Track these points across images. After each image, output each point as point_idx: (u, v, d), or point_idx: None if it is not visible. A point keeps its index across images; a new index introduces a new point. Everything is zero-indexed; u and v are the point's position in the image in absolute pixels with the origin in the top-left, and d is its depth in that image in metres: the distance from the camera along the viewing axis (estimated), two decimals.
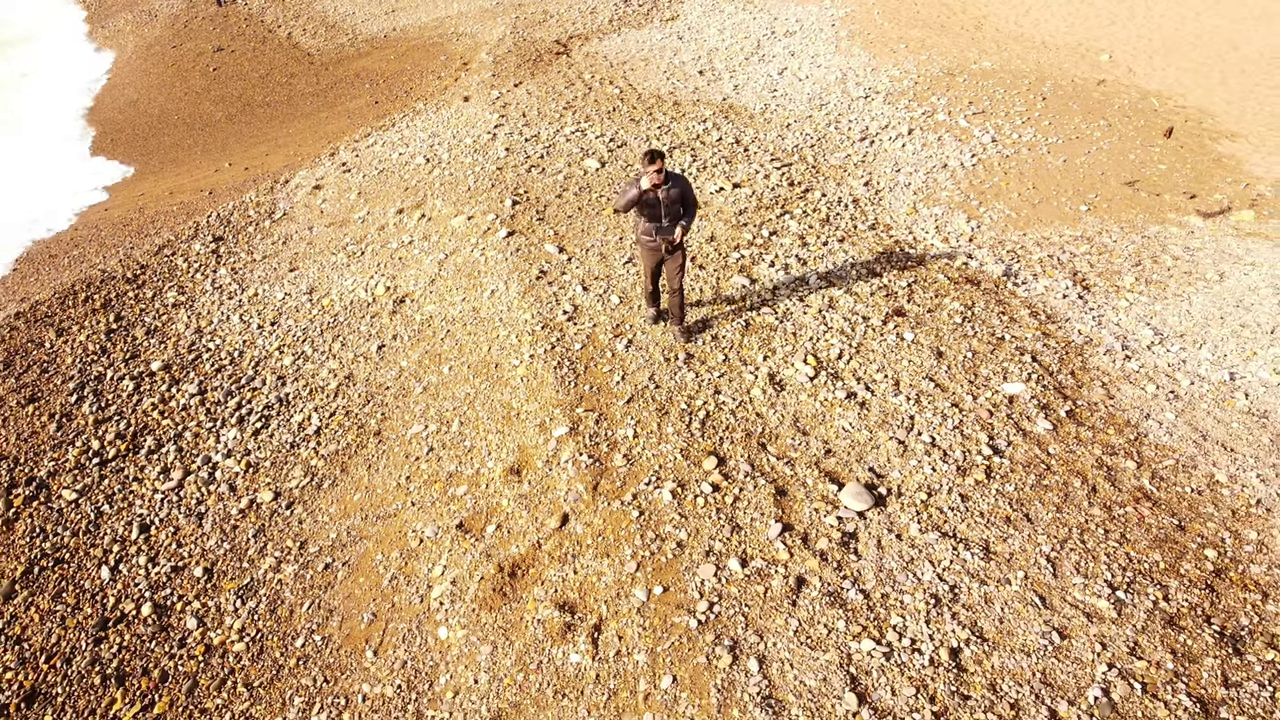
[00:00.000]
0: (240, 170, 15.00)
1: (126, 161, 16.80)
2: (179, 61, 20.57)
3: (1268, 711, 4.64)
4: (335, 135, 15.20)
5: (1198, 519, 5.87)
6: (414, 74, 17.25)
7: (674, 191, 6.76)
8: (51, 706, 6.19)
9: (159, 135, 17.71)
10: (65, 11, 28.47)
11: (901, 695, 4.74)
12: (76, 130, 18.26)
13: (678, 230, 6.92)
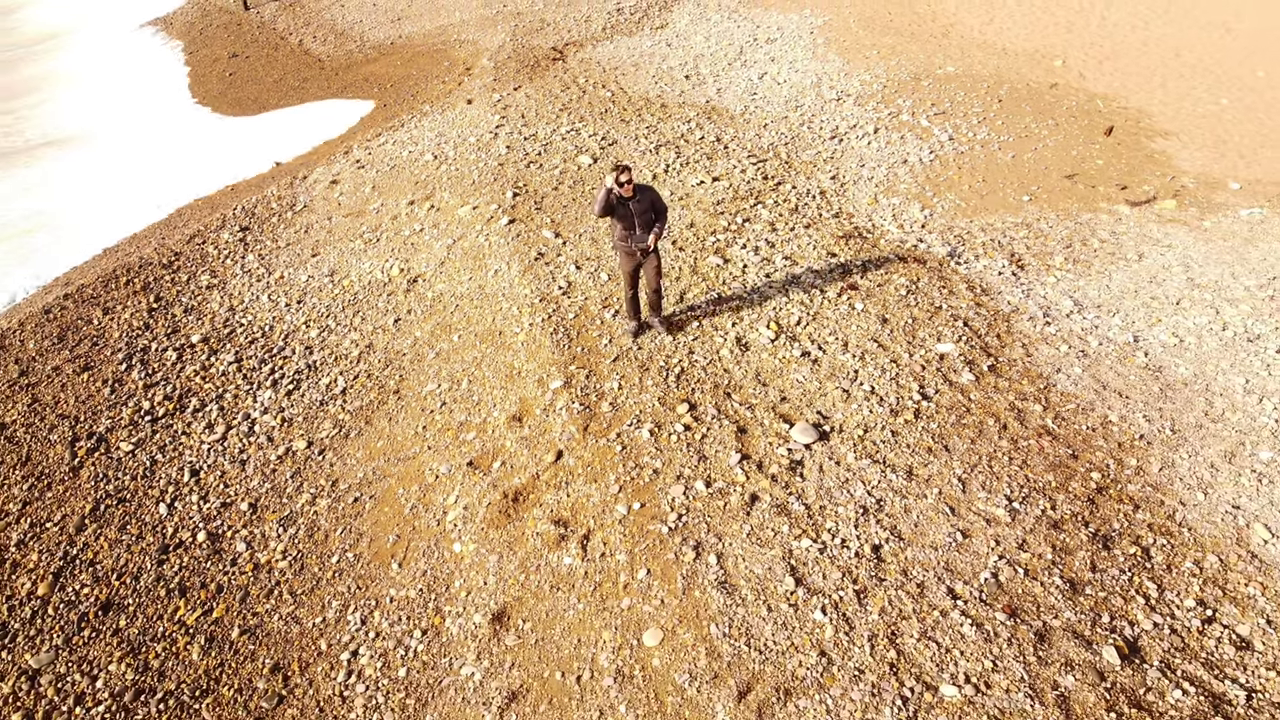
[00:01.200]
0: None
1: None
2: (196, 67, 21.72)
3: (1125, 590, 5.80)
4: (348, 135, 16.35)
5: (1089, 450, 7.03)
6: (420, 78, 18.41)
7: (644, 202, 7.57)
8: (125, 613, 7.33)
9: None
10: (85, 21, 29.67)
11: (830, 579, 5.90)
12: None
13: (650, 236, 7.67)
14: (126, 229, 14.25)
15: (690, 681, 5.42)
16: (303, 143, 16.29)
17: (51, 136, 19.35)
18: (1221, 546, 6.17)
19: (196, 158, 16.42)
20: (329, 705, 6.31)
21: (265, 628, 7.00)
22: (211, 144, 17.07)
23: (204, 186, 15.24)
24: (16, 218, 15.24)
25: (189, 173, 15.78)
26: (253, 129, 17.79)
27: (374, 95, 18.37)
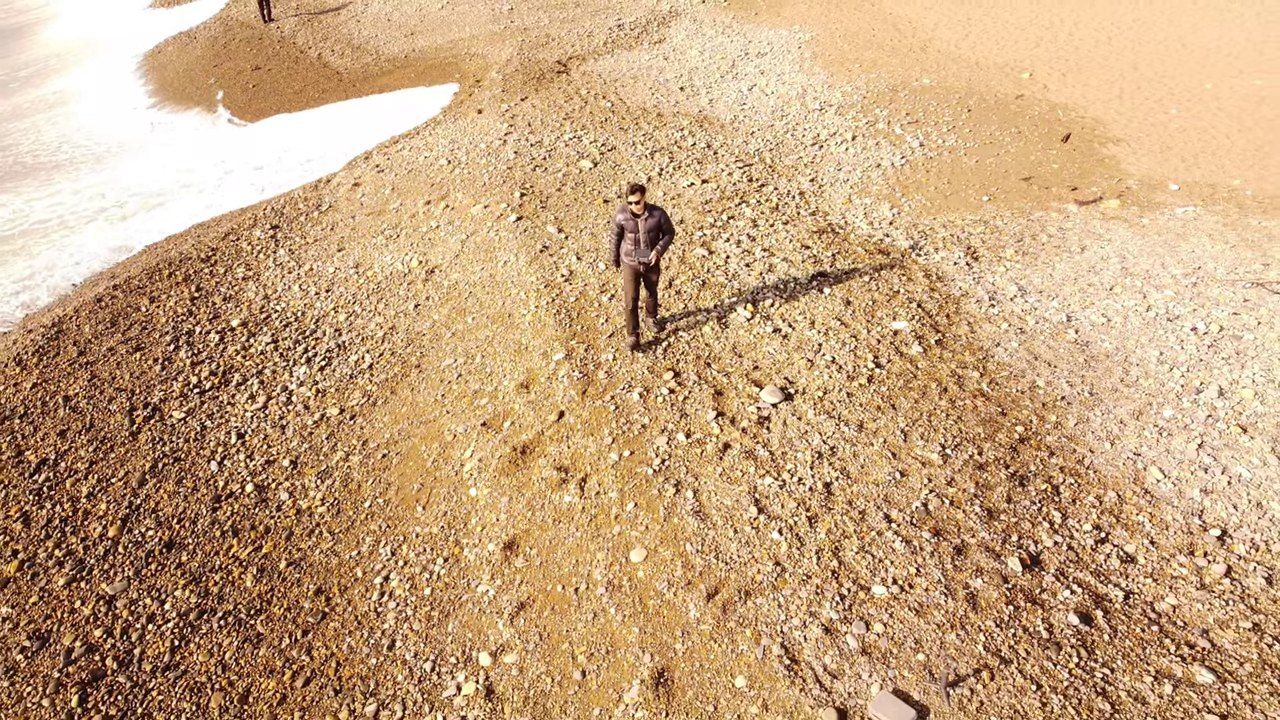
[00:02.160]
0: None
1: None
2: (221, 80, 23.03)
3: (1033, 517, 6.95)
4: (366, 141, 17.60)
5: (1016, 408, 8.19)
6: (432, 89, 19.67)
7: (652, 221, 8.30)
8: (185, 550, 8.51)
9: None
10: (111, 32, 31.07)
11: (787, 508, 7.05)
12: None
13: (653, 252, 8.38)
14: (175, 226, 15.47)
15: (668, 587, 6.58)
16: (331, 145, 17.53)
17: (89, 143, 20.64)
18: (1120, 485, 7.32)
19: (228, 162, 17.68)
20: (365, 619, 7.48)
21: (308, 560, 8.17)
22: (240, 149, 18.32)
23: (235, 190, 16.48)
24: (102, 206, 16.51)
25: (223, 176, 17.03)
26: (277, 134, 19.05)
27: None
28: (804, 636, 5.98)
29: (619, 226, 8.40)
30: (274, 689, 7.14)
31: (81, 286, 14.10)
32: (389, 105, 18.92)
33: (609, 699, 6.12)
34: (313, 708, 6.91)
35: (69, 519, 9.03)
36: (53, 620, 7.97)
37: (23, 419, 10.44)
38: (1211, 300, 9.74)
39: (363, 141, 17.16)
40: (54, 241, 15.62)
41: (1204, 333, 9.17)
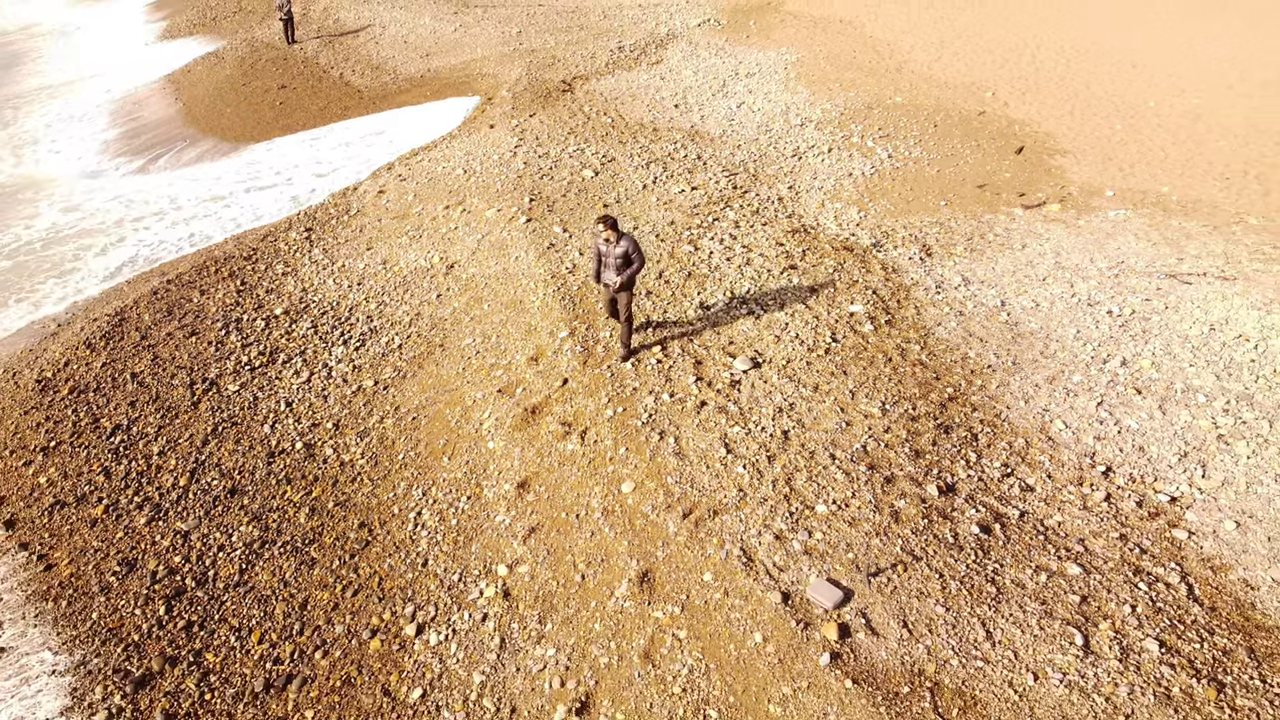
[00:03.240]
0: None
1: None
2: (249, 97, 24.76)
3: (953, 457, 8.47)
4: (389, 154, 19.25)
5: (948, 374, 9.73)
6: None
7: (619, 249, 9.06)
8: (246, 495, 10.06)
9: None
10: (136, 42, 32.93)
11: (750, 449, 8.58)
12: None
13: (618, 278, 9.15)
14: (220, 234, 17.09)
15: (652, 510, 8.11)
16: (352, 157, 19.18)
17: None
18: (1029, 434, 8.86)
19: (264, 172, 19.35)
20: (402, 545, 9.02)
21: (352, 501, 9.72)
22: (272, 162, 20.00)
23: (270, 196, 18.12)
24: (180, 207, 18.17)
25: (259, 183, 18.69)
26: (309, 147, 20.73)
27: None
28: (759, 542, 7.50)
29: (596, 251, 9.45)
30: (328, 599, 8.68)
31: (134, 281, 15.69)
32: (412, 117, 20.61)
33: (603, 594, 7.65)
34: (361, 611, 8.45)
35: (144, 472, 10.59)
36: (138, 550, 9.52)
37: (96, 392, 12.01)
38: (1129, 289, 11.29)
39: (382, 152, 18.81)
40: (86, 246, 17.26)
41: (1117, 315, 10.72)
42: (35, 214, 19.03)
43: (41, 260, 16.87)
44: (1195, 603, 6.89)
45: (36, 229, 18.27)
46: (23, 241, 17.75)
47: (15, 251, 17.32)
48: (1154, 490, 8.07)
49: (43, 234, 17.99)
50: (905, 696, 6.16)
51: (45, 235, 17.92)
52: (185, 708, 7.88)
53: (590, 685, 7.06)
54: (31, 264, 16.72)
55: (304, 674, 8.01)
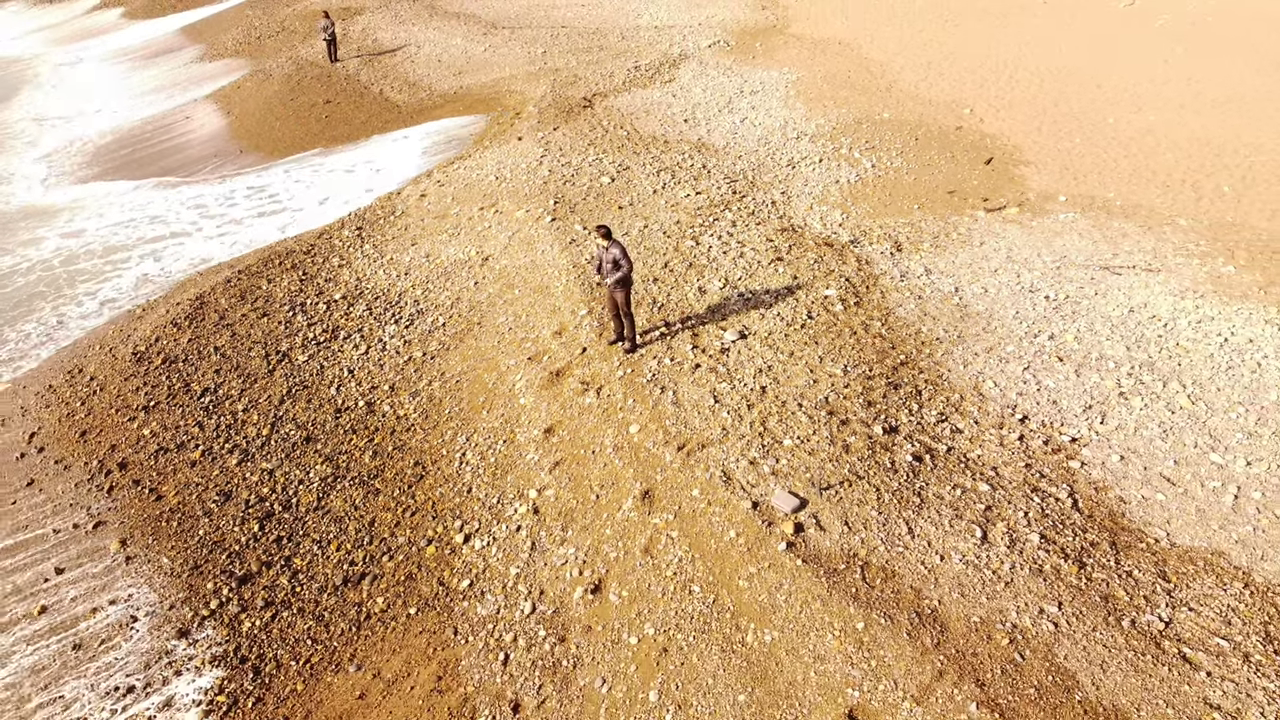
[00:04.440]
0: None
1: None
2: (297, 111, 27.10)
3: (899, 407, 10.43)
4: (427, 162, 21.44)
5: (902, 344, 11.70)
6: (480, 120, 23.56)
7: (610, 254, 10.68)
8: (319, 442, 12.15)
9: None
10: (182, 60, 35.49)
11: (733, 399, 10.58)
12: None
13: (608, 279, 10.72)
14: (274, 235, 19.33)
15: (653, 445, 10.12)
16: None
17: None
18: (964, 390, 10.81)
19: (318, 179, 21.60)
20: (450, 477, 11.07)
21: (408, 445, 11.80)
22: (324, 170, 22.26)
23: (318, 205, 20.35)
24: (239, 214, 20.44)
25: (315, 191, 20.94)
26: (356, 155, 22.99)
27: None
28: (736, 467, 9.50)
29: (597, 255, 11.27)
30: (391, 518, 10.75)
31: (206, 273, 17.90)
32: (436, 129, 22.81)
33: (613, 508, 9.67)
34: (418, 527, 10.51)
35: (231, 425, 12.73)
36: (232, 484, 11.64)
37: (185, 362, 14.18)
38: (1066, 279, 13.22)
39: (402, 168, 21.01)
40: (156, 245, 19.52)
41: (1052, 300, 12.65)
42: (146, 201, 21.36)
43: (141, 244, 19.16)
44: (1076, 511, 8.82)
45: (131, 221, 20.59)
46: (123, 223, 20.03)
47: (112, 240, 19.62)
48: (1059, 433, 10.00)
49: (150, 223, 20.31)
50: (841, 571, 8.13)
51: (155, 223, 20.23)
52: (280, 597, 9.96)
53: (602, 573, 9.08)
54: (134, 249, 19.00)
55: (374, 572, 10.08)
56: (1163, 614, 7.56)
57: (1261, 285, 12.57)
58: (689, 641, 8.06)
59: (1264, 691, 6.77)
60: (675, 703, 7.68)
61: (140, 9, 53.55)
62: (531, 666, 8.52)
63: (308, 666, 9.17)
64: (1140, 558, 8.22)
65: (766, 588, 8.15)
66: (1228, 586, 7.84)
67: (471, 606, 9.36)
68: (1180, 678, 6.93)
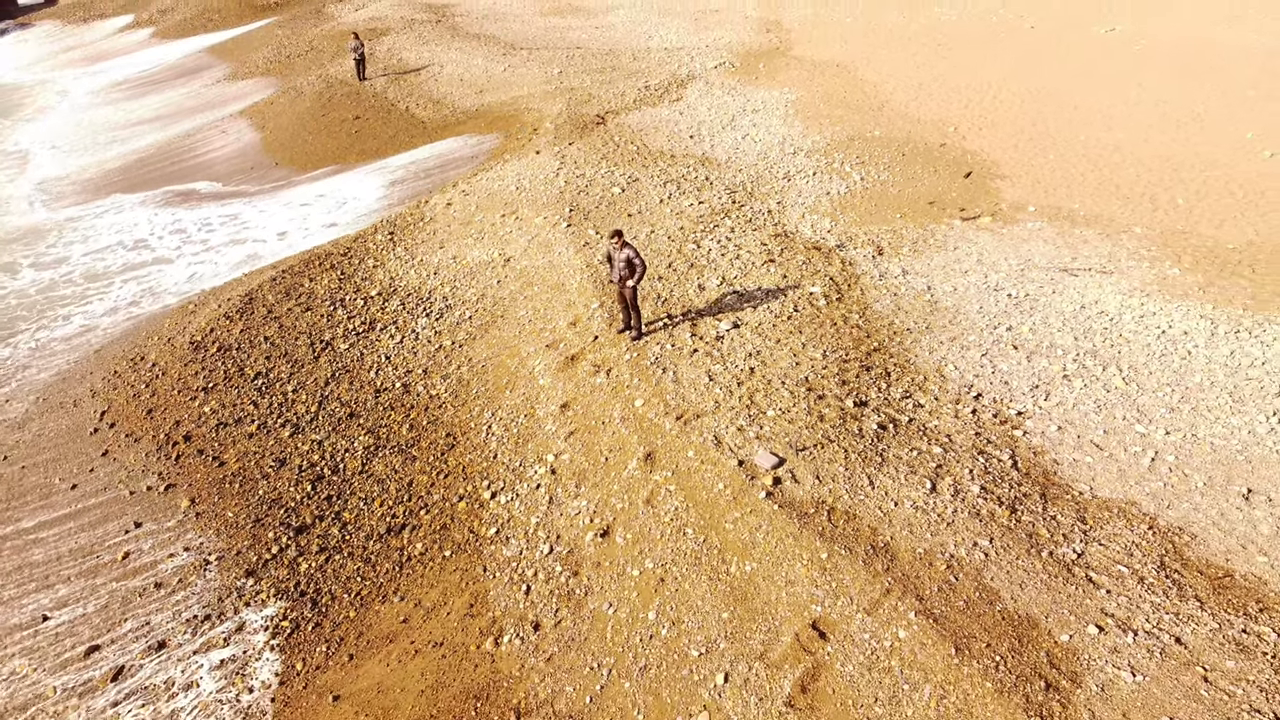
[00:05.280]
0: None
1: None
2: (328, 126, 28.96)
3: (870, 385, 11.99)
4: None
5: (876, 334, 13.27)
6: (500, 136, 25.32)
7: (623, 255, 12.21)
8: (361, 417, 13.80)
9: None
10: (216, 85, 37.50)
11: (726, 379, 12.16)
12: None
13: (624, 282, 12.33)
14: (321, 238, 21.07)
15: (655, 416, 11.71)
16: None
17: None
18: (927, 373, 12.36)
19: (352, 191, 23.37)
20: (478, 446, 12.68)
21: (440, 420, 13.42)
22: (360, 183, 24.03)
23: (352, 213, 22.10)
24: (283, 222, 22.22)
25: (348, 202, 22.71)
26: (386, 168, 24.78)
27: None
28: (725, 432, 11.07)
29: (606, 254, 12.99)
30: (427, 480, 12.36)
31: (252, 274, 19.62)
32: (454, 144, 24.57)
33: (620, 468, 11.24)
34: (451, 486, 12.12)
35: (283, 403, 14.38)
36: (286, 452, 13.28)
37: (238, 350, 15.87)
38: (1028, 279, 14.76)
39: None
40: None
41: (1014, 297, 14.20)
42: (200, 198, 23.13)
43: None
44: (1015, 470, 10.36)
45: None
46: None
47: None
48: (1007, 408, 11.54)
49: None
50: (810, 514, 9.69)
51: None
52: (332, 543, 11.58)
53: (610, 520, 10.66)
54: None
55: (413, 523, 11.69)
56: (1076, 547, 9.08)
57: (1201, 285, 14.09)
58: (682, 573, 9.61)
59: (1150, 604, 8.29)
60: (670, 620, 9.23)
61: (172, 28, 55.80)
62: (550, 595, 10.10)
63: (358, 598, 10.77)
64: (1064, 505, 9.74)
65: (748, 528, 9.70)
66: (1135, 528, 9.36)
67: (498, 549, 10.96)
68: (1084, 594, 8.45)
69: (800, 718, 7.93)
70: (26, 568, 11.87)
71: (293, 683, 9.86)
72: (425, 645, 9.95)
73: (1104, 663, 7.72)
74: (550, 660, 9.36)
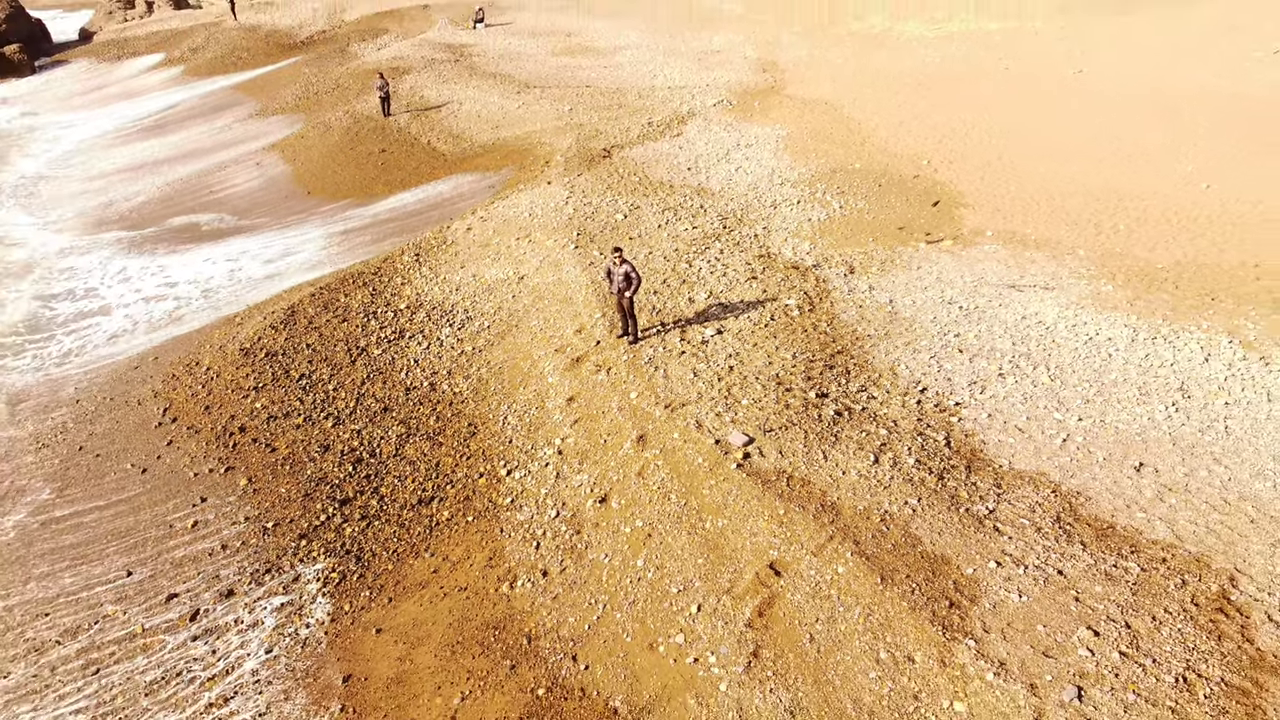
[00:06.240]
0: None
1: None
2: (357, 159, 31.41)
3: (831, 381, 14.04)
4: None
5: (841, 339, 15.33)
6: (515, 168, 27.66)
7: (621, 271, 14.38)
8: (393, 411, 15.90)
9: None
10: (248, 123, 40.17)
11: (708, 375, 14.23)
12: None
13: (621, 294, 14.39)
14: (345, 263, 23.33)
15: (647, 405, 13.76)
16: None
17: None
18: (882, 371, 14.38)
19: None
20: (496, 433, 14.75)
21: (463, 412, 15.52)
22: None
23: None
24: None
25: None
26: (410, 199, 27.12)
27: (482, 180, 27.66)
28: (706, 418, 13.11)
29: (607, 269, 15.31)
30: (452, 461, 14.42)
31: (290, 290, 21.83)
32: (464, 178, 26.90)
33: (616, 448, 13.28)
34: (472, 466, 14.16)
35: (325, 399, 16.50)
36: (329, 439, 15.37)
37: (284, 355, 18.02)
38: (980, 294, 16.82)
39: None
40: None
41: (964, 309, 16.24)
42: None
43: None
44: (948, 447, 12.36)
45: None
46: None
47: None
48: (947, 399, 13.55)
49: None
50: (773, 481, 11.69)
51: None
52: (372, 512, 13.63)
53: (607, 490, 12.68)
54: None
55: (440, 495, 13.74)
56: (989, 505, 11.06)
57: (1129, 299, 16.11)
58: (666, 529, 11.62)
59: (1042, 547, 10.25)
60: (655, 566, 11.23)
61: (202, 67, 58.69)
62: (556, 549, 12.11)
63: (395, 555, 12.80)
64: (985, 475, 11.73)
65: (721, 493, 11.71)
66: (1040, 492, 11.34)
67: (513, 515, 12.99)
68: (990, 539, 10.43)
69: (756, 634, 9.89)
70: (109, 535, 13.94)
71: (341, 620, 11.86)
72: (452, 590, 11.96)
73: (998, 588, 9.68)
74: (556, 599, 11.35)
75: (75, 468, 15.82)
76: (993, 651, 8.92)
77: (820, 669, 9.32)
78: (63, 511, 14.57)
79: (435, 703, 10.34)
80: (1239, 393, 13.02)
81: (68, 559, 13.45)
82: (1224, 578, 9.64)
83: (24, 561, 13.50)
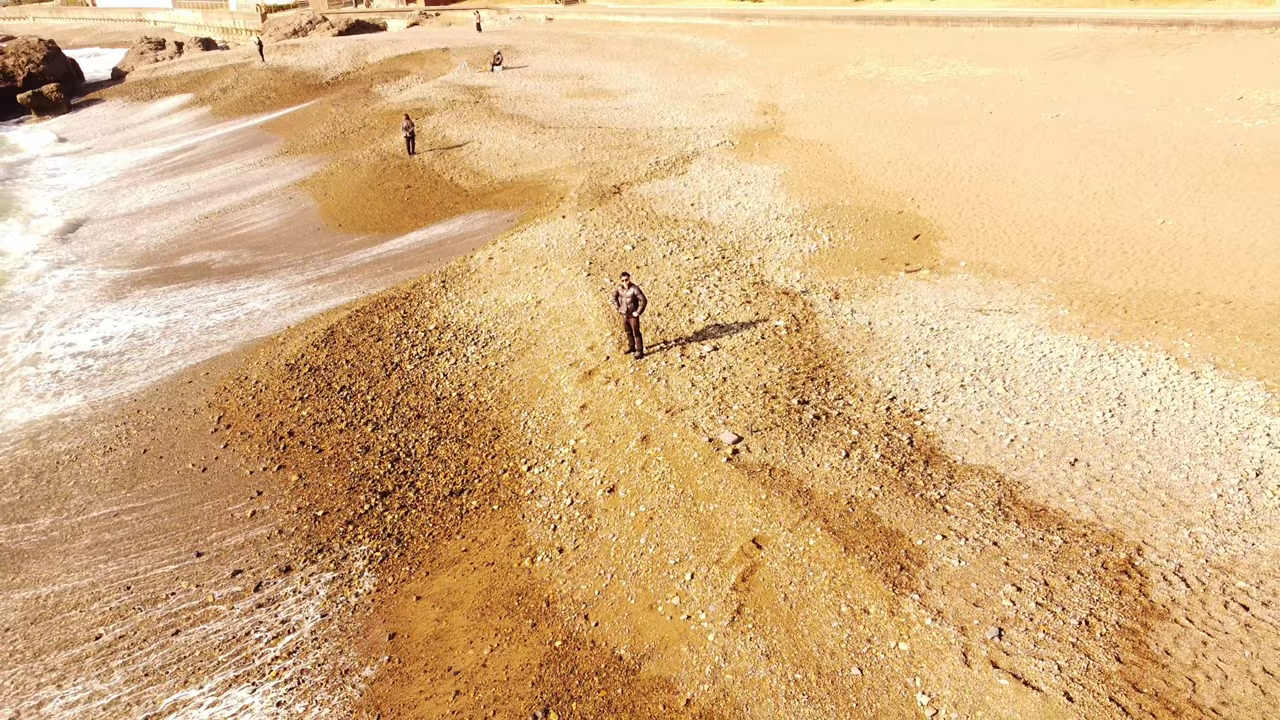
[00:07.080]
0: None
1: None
2: (384, 194, 33.77)
3: (812, 390, 16.02)
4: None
5: (823, 355, 17.32)
6: (532, 203, 29.93)
7: (628, 294, 17.13)
8: (426, 418, 17.95)
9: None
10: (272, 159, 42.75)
11: (705, 385, 16.23)
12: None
13: (629, 315, 17.28)
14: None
15: (650, 410, 15.75)
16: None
17: None
18: (858, 382, 16.36)
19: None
20: (517, 436, 16.75)
21: (488, 419, 17.53)
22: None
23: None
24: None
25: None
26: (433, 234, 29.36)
27: (501, 215, 29.92)
28: (701, 420, 15.09)
29: (615, 293, 17.54)
30: (479, 460, 16.42)
31: (326, 313, 23.98)
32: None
33: (623, 446, 15.25)
34: (497, 463, 16.15)
35: (364, 408, 18.56)
36: (369, 441, 17.39)
37: (326, 370, 20.11)
38: (950, 317, 18.81)
39: None
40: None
41: (935, 330, 18.23)
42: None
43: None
44: (910, 445, 14.28)
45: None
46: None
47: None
48: (913, 406, 15.49)
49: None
50: (758, 472, 13.64)
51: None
52: (410, 502, 15.60)
53: (614, 481, 14.63)
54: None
55: (469, 488, 15.71)
56: (941, 492, 12.97)
57: (1083, 322, 18.07)
58: (665, 513, 13.55)
59: (982, 524, 12.14)
60: (655, 543, 13.15)
61: (231, 107, 61.62)
62: (570, 531, 14.04)
63: (430, 537, 14.75)
64: (940, 468, 13.65)
65: (713, 482, 13.66)
66: (985, 481, 13.23)
67: (533, 503, 14.94)
68: (937, 517, 12.32)
69: (740, 595, 11.79)
70: (178, 524, 15.93)
71: (385, 590, 13.79)
72: (481, 565, 13.89)
73: (942, 555, 11.57)
74: (571, 570, 13.27)
75: (141, 468, 17.85)
76: (933, 603, 10.79)
77: (792, 621, 11.19)
78: (133, 504, 16.57)
79: (469, 654, 12.22)
80: (1169, 401, 14.92)
81: (141, 545, 15.43)
82: (1132, 548, 11.50)
83: (107, 546, 15.48)
